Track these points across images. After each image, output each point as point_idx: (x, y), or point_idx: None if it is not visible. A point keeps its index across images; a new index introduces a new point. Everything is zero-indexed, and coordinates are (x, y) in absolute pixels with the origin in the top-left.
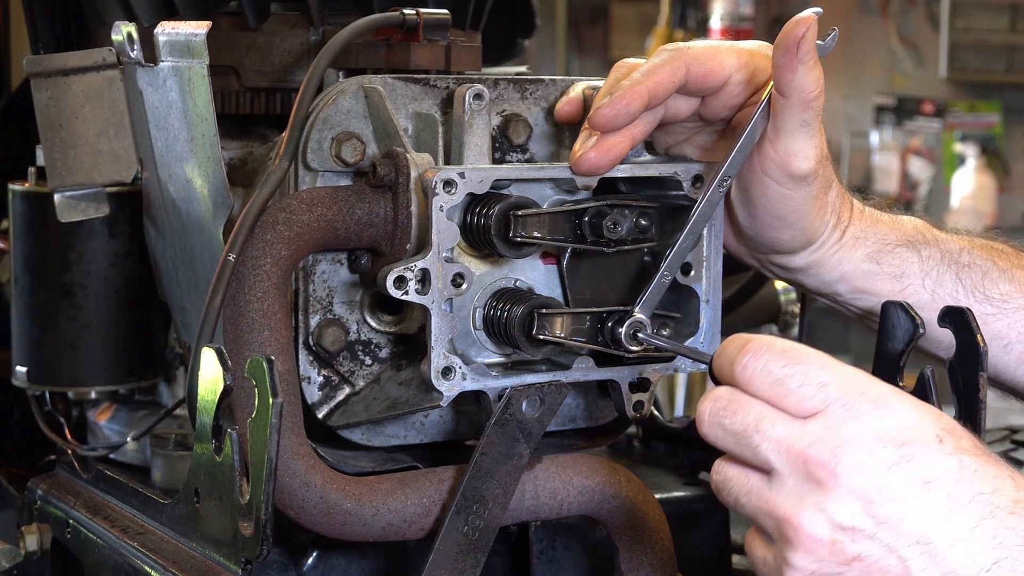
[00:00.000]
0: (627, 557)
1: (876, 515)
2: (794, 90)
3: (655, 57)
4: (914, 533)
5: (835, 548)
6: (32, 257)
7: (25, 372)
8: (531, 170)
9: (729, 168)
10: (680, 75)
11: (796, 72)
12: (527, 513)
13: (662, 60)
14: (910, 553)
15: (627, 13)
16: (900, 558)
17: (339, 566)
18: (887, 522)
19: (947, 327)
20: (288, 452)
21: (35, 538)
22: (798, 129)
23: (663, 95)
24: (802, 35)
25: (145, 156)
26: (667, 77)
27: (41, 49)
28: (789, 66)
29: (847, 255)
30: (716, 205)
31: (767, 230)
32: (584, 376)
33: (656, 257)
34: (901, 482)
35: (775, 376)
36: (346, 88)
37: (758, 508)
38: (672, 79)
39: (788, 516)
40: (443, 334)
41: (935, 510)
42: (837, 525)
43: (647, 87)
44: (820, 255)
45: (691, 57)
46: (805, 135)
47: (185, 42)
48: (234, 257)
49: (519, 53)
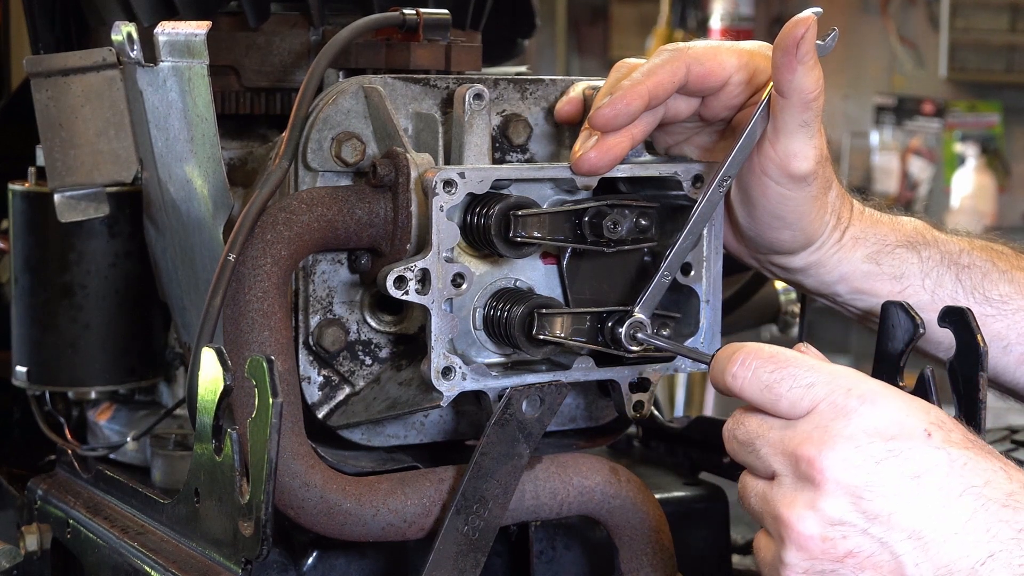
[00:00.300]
0: (627, 557)
1: (866, 510)
2: (793, 90)
3: (655, 57)
4: (906, 527)
5: (827, 545)
6: (32, 257)
7: (25, 372)
8: (531, 170)
9: (729, 168)
10: (680, 75)
11: (795, 73)
12: (527, 513)
13: (662, 60)
14: (903, 548)
15: (627, 13)
16: (893, 553)
17: (339, 566)
18: (878, 517)
19: (947, 327)
20: (288, 452)
21: (35, 538)
22: (797, 130)
23: (663, 95)
24: (801, 35)
25: (145, 156)
26: (667, 77)
27: (41, 49)
28: (788, 66)
29: (847, 256)
30: (716, 205)
31: (767, 230)
32: (584, 376)
33: (656, 257)
34: (890, 477)
35: (764, 382)
36: (346, 88)
37: (762, 510)
38: (672, 79)
39: (782, 515)
40: (443, 334)
41: (926, 504)
42: (828, 521)
43: (647, 87)
44: (820, 256)
45: (691, 57)
46: (804, 136)
47: (185, 42)
48: (234, 257)
49: (519, 53)
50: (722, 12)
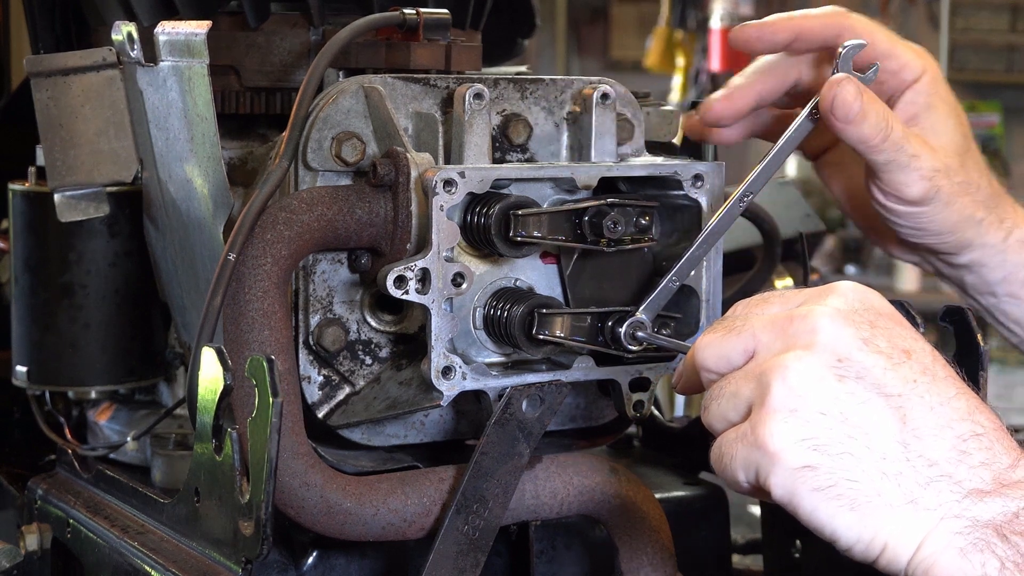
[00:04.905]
0: (627, 557)
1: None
2: (858, 144)
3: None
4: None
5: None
6: (32, 257)
7: (25, 372)
8: (531, 170)
9: (752, 185)
10: (831, 33)
11: (848, 133)
12: (527, 513)
13: (817, 12)
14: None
15: (627, 13)
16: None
17: (339, 566)
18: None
19: (947, 327)
20: (288, 452)
21: (35, 538)
22: (887, 166)
23: (809, 41)
24: (832, 101)
25: (145, 156)
26: (817, 25)
27: (41, 49)
28: (840, 131)
29: (1011, 257)
30: (735, 219)
31: (916, 240)
32: (584, 376)
33: (656, 257)
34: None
35: (717, 352)
36: (346, 88)
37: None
38: (822, 32)
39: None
40: (443, 334)
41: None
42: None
43: (796, 22)
44: (981, 254)
45: (847, 25)
46: (896, 167)
47: (185, 42)
48: (234, 257)
49: (519, 53)
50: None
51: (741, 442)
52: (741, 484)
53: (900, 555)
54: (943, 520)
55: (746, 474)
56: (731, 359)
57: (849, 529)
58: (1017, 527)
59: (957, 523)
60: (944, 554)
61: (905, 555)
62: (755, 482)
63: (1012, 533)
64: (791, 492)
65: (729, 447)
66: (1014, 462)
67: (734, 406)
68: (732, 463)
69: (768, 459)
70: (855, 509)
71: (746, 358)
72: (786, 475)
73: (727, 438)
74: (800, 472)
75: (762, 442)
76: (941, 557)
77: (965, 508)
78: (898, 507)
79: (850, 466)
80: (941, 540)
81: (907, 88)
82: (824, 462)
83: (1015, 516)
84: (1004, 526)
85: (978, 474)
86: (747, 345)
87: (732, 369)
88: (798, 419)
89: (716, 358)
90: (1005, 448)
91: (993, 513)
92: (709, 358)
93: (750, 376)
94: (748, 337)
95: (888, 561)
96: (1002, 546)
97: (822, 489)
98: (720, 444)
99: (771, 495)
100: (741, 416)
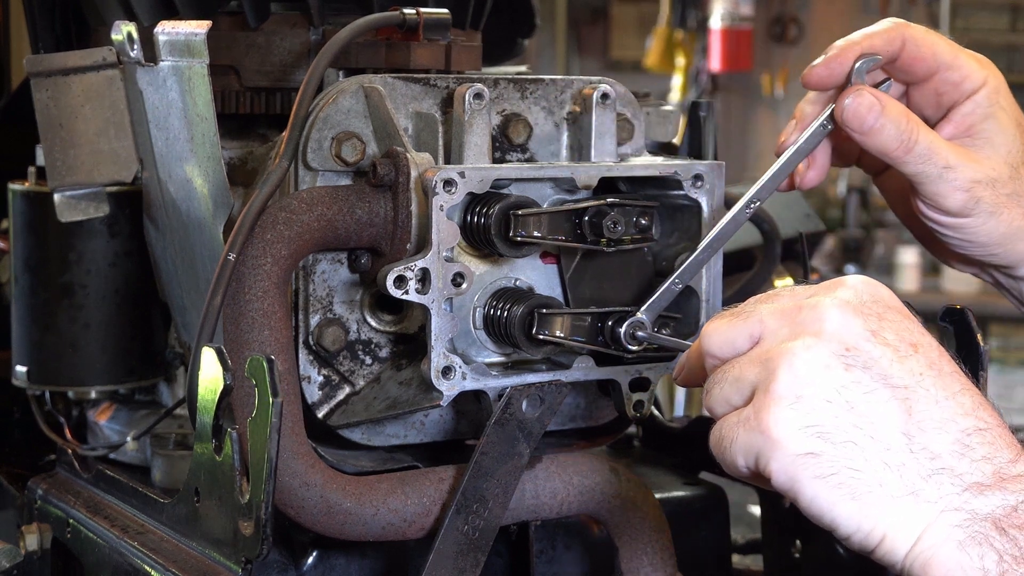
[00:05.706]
0: (627, 557)
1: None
2: (881, 155)
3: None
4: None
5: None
6: (32, 257)
7: (25, 372)
8: (531, 170)
9: (760, 191)
10: (895, 47)
11: (867, 143)
12: (527, 513)
13: (876, 29)
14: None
15: (627, 13)
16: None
17: (339, 566)
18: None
19: (947, 327)
20: (288, 452)
21: (35, 538)
22: (917, 177)
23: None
24: (844, 111)
25: (145, 156)
26: (880, 43)
27: (41, 49)
28: (860, 142)
29: None
30: (740, 225)
31: (966, 252)
32: (584, 376)
33: (656, 257)
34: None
35: (723, 337)
36: (346, 88)
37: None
38: (886, 48)
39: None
40: (443, 334)
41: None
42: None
43: (860, 45)
44: None
45: (908, 36)
46: (928, 178)
47: (185, 42)
48: (234, 256)
49: (519, 53)
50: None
51: (743, 426)
52: (740, 469)
53: (899, 546)
54: (943, 513)
55: (746, 459)
56: (736, 344)
57: (849, 518)
58: (1016, 521)
59: (956, 516)
60: (943, 547)
61: (904, 547)
62: (754, 467)
63: (1011, 527)
64: (792, 478)
65: (730, 431)
66: (1015, 457)
67: (737, 390)
68: (732, 447)
69: (770, 444)
70: (856, 498)
71: (751, 344)
72: (787, 461)
73: (728, 422)
74: (802, 459)
75: (765, 427)
76: (940, 550)
77: (965, 501)
78: (899, 498)
79: (853, 455)
80: (940, 533)
81: (967, 99)
82: (827, 450)
83: (1014, 510)
84: (1003, 519)
85: (979, 468)
86: (753, 331)
87: (737, 355)
88: (803, 406)
89: (721, 343)
90: (1007, 444)
91: (992, 507)
92: (714, 343)
93: (755, 361)
94: (755, 323)
95: (886, 552)
96: (1000, 539)
97: (824, 477)
98: (720, 428)
99: (770, 481)
100: (744, 400)
